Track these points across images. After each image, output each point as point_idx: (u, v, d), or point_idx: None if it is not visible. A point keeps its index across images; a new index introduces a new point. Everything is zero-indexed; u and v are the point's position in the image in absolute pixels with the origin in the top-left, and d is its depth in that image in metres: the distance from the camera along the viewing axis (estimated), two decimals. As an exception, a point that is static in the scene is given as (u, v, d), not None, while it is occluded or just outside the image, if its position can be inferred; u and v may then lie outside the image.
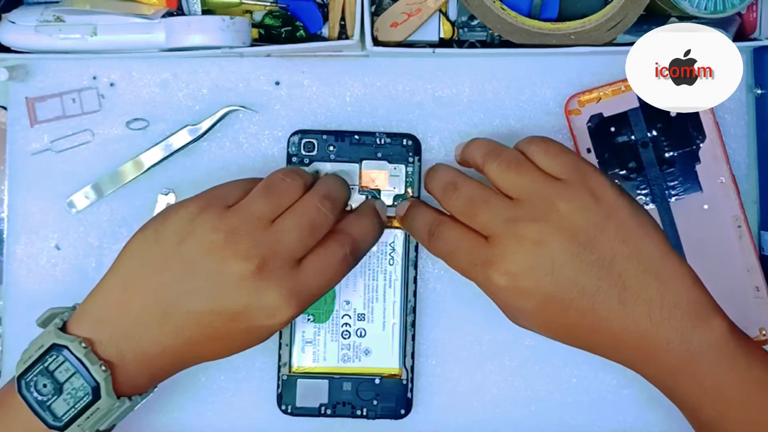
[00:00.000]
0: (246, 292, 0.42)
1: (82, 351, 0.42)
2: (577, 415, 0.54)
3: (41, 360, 0.42)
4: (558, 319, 0.43)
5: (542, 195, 0.43)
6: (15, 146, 0.54)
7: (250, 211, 0.44)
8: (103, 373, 0.42)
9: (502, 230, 0.42)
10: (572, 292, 0.41)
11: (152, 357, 0.43)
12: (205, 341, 0.43)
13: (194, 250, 0.42)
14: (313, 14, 0.52)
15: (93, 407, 0.42)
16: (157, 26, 0.49)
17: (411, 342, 0.52)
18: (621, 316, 0.42)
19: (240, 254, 0.42)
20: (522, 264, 0.42)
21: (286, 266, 0.43)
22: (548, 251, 0.41)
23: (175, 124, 0.54)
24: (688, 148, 0.54)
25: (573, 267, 0.41)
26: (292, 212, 0.44)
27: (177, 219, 0.44)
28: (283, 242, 0.43)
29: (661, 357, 0.42)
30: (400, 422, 0.52)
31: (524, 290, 0.42)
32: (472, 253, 0.43)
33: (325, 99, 0.54)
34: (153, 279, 0.43)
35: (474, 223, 0.44)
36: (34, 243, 0.54)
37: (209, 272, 0.42)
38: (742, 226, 0.53)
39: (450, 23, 0.52)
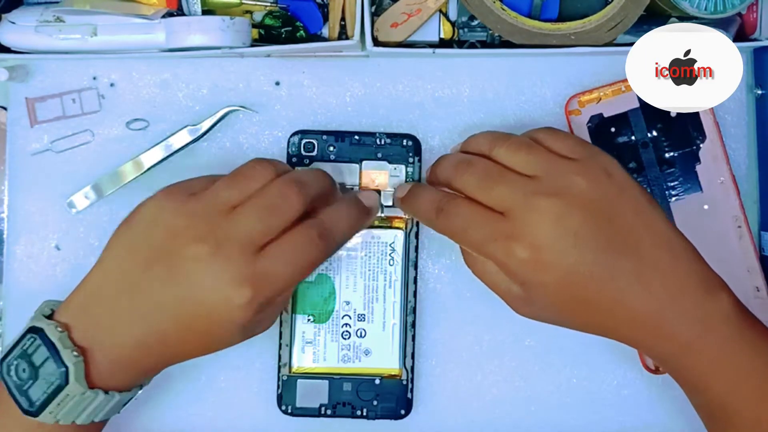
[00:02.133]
0: (200, 276, 0.41)
1: (56, 335, 0.41)
2: (577, 415, 0.54)
3: (20, 343, 0.42)
4: (578, 293, 0.42)
5: (558, 171, 0.43)
6: (15, 146, 0.54)
7: (213, 196, 0.43)
8: (74, 358, 0.41)
9: (521, 204, 0.42)
10: (594, 264, 0.41)
11: (126, 350, 0.42)
12: (173, 333, 0.42)
13: (159, 237, 0.42)
14: (313, 14, 0.52)
15: (62, 393, 0.41)
16: (157, 26, 0.49)
17: (411, 342, 0.52)
18: (637, 289, 0.42)
19: (197, 238, 0.41)
20: (546, 236, 0.41)
21: (243, 251, 0.41)
22: (571, 224, 0.41)
23: (175, 125, 0.54)
24: (688, 149, 0.54)
25: (595, 239, 0.41)
26: (254, 196, 0.43)
27: (145, 209, 0.44)
28: (241, 226, 0.42)
29: (675, 331, 0.42)
30: (400, 422, 0.52)
31: (547, 263, 0.41)
32: (490, 228, 0.42)
33: (325, 99, 0.54)
34: (125, 269, 0.43)
35: (490, 198, 0.43)
36: (34, 243, 0.54)
37: (170, 258, 0.41)
38: (742, 227, 0.53)
39: (450, 23, 0.52)
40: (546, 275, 0.42)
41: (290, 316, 0.52)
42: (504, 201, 0.43)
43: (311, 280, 0.52)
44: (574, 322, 0.44)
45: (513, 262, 0.42)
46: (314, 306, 0.52)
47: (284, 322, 0.52)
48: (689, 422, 0.53)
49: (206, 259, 0.41)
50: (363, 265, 0.52)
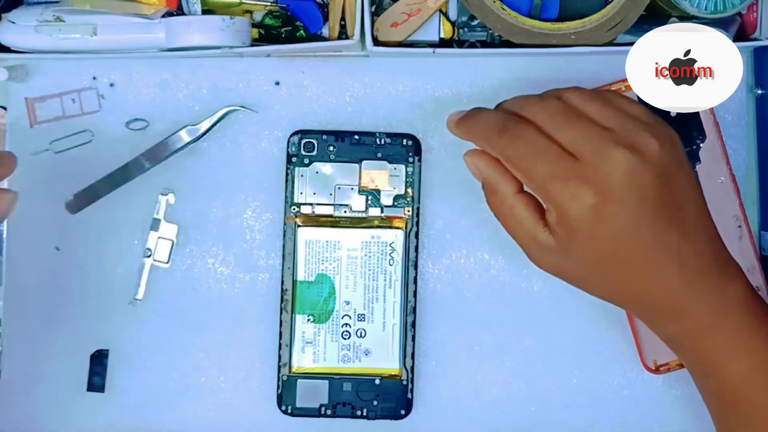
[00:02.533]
0: None
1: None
2: (578, 415, 0.54)
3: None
4: (623, 253, 0.41)
5: (632, 128, 0.42)
6: (15, 146, 0.54)
7: None
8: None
9: (597, 149, 0.41)
10: (648, 228, 0.41)
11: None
12: None
13: None
14: (313, 14, 0.52)
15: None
16: (157, 26, 0.49)
17: (411, 342, 0.52)
18: (675, 263, 0.42)
19: None
20: (617, 188, 0.40)
21: None
22: (642, 181, 0.41)
23: (174, 125, 0.54)
24: (689, 148, 0.54)
25: (655, 203, 0.41)
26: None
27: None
28: None
29: (696, 310, 0.42)
30: (400, 423, 0.52)
31: (609, 215, 0.40)
32: (559, 165, 0.41)
33: (325, 99, 0.54)
34: None
35: (564, 136, 0.41)
36: (33, 244, 0.54)
37: None
38: (743, 227, 0.53)
39: (450, 23, 0.52)
40: (602, 227, 0.41)
41: (290, 317, 0.52)
42: (578, 143, 0.41)
43: (311, 280, 0.52)
44: (600, 285, 0.44)
45: (576, 206, 0.40)
46: (314, 306, 0.52)
47: (284, 323, 0.52)
48: (690, 422, 0.53)
49: None
50: (363, 265, 0.52)
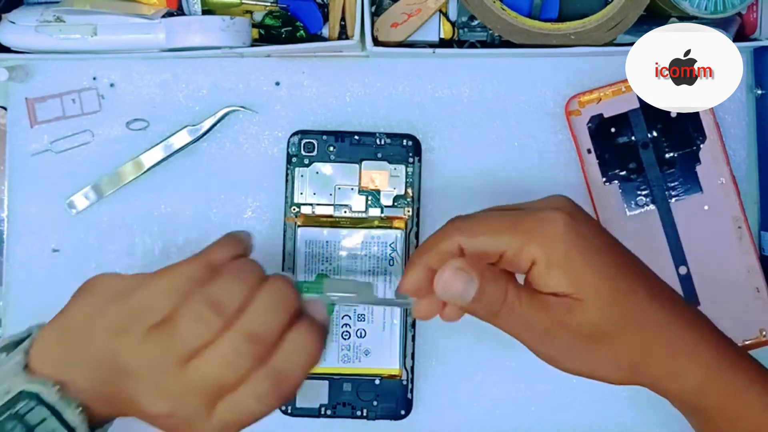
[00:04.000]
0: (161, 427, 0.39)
1: (54, 396, 0.38)
2: (577, 415, 0.54)
3: (9, 405, 0.39)
4: (620, 268, 0.40)
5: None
6: (15, 147, 0.54)
7: (164, 347, 0.38)
8: (79, 416, 0.39)
9: (533, 204, 0.42)
10: (620, 249, 0.41)
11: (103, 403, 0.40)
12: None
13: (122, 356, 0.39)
14: (313, 14, 0.52)
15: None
16: (157, 26, 0.49)
17: (411, 342, 0.52)
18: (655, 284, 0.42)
19: (153, 393, 0.38)
20: (573, 212, 0.41)
21: (198, 414, 0.38)
22: (583, 214, 0.42)
23: (175, 125, 0.54)
24: (689, 149, 0.54)
25: (605, 231, 0.42)
26: (204, 357, 0.38)
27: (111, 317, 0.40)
28: (195, 389, 0.38)
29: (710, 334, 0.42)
30: (400, 423, 0.52)
31: (584, 232, 0.40)
32: (517, 210, 0.42)
33: (325, 99, 0.54)
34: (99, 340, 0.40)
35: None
36: (33, 244, 0.54)
37: (127, 390, 0.39)
38: (743, 227, 0.53)
39: (450, 23, 0.52)
40: (588, 241, 0.40)
41: (290, 317, 0.52)
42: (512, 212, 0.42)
43: (311, 280, 0.52)
44: (621, 336, 0.40)
45: (553, 227, 0.40)
46: (314, 306, 0.52)
47: (284, 323, 0.52)
48: (690, 423, 0.53)
49: (164, 418, 0.38)
50: (363, 265, 0.52)
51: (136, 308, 0.39)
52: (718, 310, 0.52)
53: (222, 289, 0.39)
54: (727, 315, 0.52)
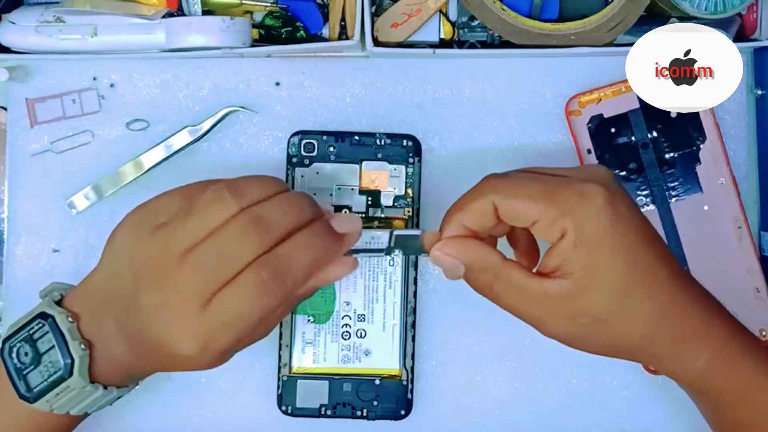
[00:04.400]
0: (153, 327, 0.39)
1: (66, 324, 0.41)
2: (577, 416, 0.54)
3: (27, 326, 0.42)
4: (645, 256, 0.40)
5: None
6: (15, 147, 0.54)
7: (170, 234, 0.39)
8: (81, 351, 0.40)
9: (575, 169, 0.43)
10: (652, 231, 0.41)
11: (123, 354, 0.42)
12: (148, 355, 0.41)
13: (125, 274, 0.40)
14: (313, 15, 0.52)
15: (63, 384, 0.40)
16: (157, 27, 0.49)
17: (411, 343, 0.52)
18: (679, 273, 0.42)
19: (149, 286, 0.39)
20: (614, 185, 0.41)
21: (189, 305, 0.38)
22: (624, 192, 0.42)
23: (175, 125, 0.54)
24: (689, 149, 0.54)
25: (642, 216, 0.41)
26: (206, 243, 0.39)
27: (116, 238, 0.42)
28: (190, 276, 0.38)
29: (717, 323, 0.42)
30: (401, 423, 0.52)
31: (621, 212, 0.40)
32: (557, 178, 0.41)
33: (326, 100, 0.54)
34: (113, 284, 0.41)
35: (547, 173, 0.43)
36: (34, 244, 0.54)
37: (132, 297, 0.40)
38: (743, 227, 0.53)
39: (450, 24, 0.52)
40: (622, 223, 0.39)
41: (290, 317, 0.52)
42: (559, 172, 0.42)
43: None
44: (625, 316, 0.40)
45: (591, 205, 0.39)
46: (314, 306, 0.52)
47: (284, 323, 0.52)
48: (689, 423, 0.53)
49: (156, 311, 0.39)
50: (363, 265, 0.52)
51: (146, 215, 0.41)
52: (718, 310, 0.52)
53: (246, 184, 0.40)
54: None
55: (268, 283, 0.38)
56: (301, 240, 0.40)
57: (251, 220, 0.39)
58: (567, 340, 0.42)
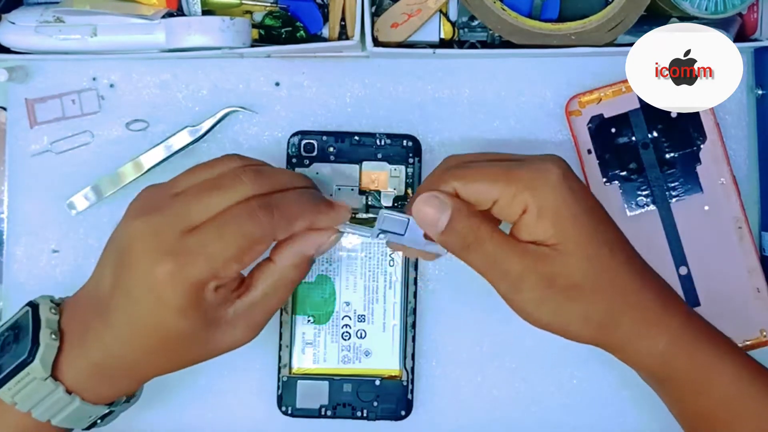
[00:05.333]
0: (134, 261, 0.39)
1: (46, 313, 0.41)
2: (577, 416, 0.54)
3: (16, 314, 0.42)
4: (604, 227, 0.42)
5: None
6: (15, 147, 0.54)
7: (170, 185, 0.42)
8: (50, 339, 0.40)
9: (528, 157, 0.44)
10: (603, 211, 0.43)
11: (96, 363, 0.41)
12: (131, 355, 0.41)
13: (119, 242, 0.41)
14: (313, 15, 0.52)
15: (24, 371, 0.39)
16: (157, 27, 0.49)
17: (411, 343, 0.52)
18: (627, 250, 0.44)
19: (133, 214, 0.41)
20: (566, 169, 0.42)
21: (173, 228, 0.39)
22: (573, 174, 0.43)
23: (175, 125, 0.54)
24: (689, 149, 0.54)
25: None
26: (198, 184, 0.41)
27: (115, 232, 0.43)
28: (178, 206, 0.40)
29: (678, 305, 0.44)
30: (401, 423, 0.52)
31: (575, 188, 0.42)
32: (513, 161, 0.43)
33: (325, 100, 0.54)
34: (99, 283, 0.42)
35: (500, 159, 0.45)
36: (33, 244, 0.54)
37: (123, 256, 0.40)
38: (743, 227, 0.53)
39: (450, 24, 0.52)
40: (577, 196, 0.42)
41: (290, 318, 0.52)
42: (512, 158, 0.44)
43: (311, 281, 0.52)
44: (596, 283, 0.41)
45: (547, 179, 0.41)
46: (314, 307, 0.52)
47: (284, 324, 0.52)
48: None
49: (137, 234, 0.39)
50: (363, 266, 0.52)
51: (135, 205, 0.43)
52: (718, 310, 0.52)
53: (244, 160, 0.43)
54: (727, 315, 0.52)
55: (253, 211, 0.39)
56: (293, 192, 0.42)
57: (248, 167, 0.41)
58: (545, 313, 0.41)
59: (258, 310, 0.42)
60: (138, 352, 0.41)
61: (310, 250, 0.43)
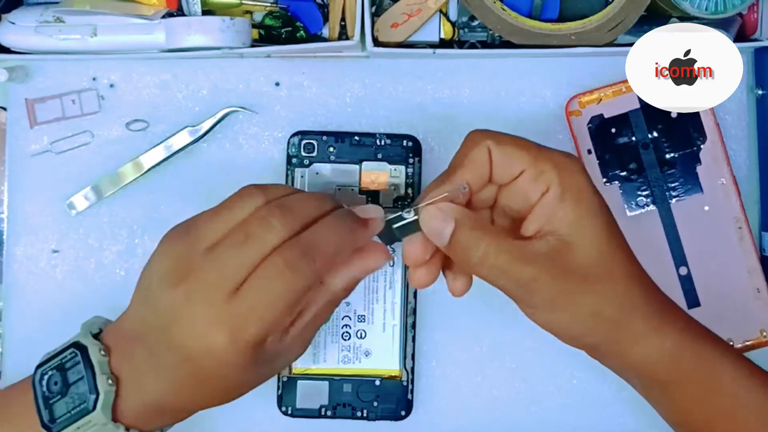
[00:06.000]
0: (179, 324, 0.38)
1: (98, 356, 0.40)
2: (577, 416, 0.54)
3: (60, 355, 0.41)
4: (614, 227, 0.42)
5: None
6: (15, 147, 0.54)
7: (195, 232, 0.40)
8: (108, 386, 0.39)
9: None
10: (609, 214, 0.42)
11: (150, 395, 0.41)
12: (179, 389, 0.40)
13: (154, 284, 0.40)
14: (313, 15, 0.52)
15: (86, 419, 0.39)
16: (157, 27, 0.49)
17: (411, 343, 0.52)
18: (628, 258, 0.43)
19: (174, 282, 0.39)
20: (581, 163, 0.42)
21: (217, 291, 0.38)
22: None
23: (174, 125, 0.54)
24: (689, 150, 0.54)
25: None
26: (233, 231, 0.39)
27: (153, 260, 0.42)
28: (216, 263, 0.39)
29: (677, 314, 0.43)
30: (401, 424, 0.52)
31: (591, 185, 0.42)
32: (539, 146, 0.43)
33: (325, 100, 0.54)
34: (143, 314, 0.41)
35: None
36: (33, 244, 0.54)
37: (157, 305, 0.40)
38: (743, 228, 0.53)
39: (450, 24, 0.52)
40: (594, 190, 0.41)
41: (290, 317, 0.52)
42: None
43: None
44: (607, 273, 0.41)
45: (572, 165, 0.41)
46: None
47: (284, 323, 0.52)
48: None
49: (181, 304, 0.38)
50: (363, 265, 0.52)
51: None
52: (718, 310, 0.52)
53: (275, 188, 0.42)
54: (727, 315, 0.52)
55: (294, 262, 0.38)
56: (325, 223, 0.41)
57: (274, 206, 0.40)
58: (554, 315, 0.41)
59: (308, 330, 0.42)
60: (197, 396, 0.41)
61: (361, 274, 0.43)
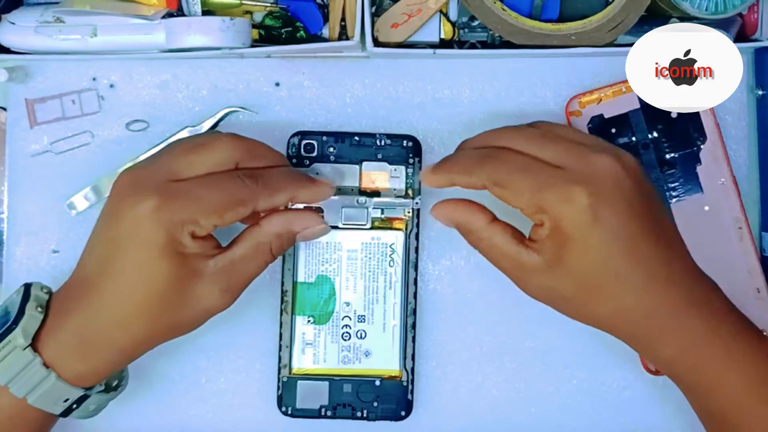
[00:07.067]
0: (117, 217, 0.42)
1: (37, 291, 0.44)
2: (578, 417, 0.54)
3: (13, 294, 0.45)
4: (616, 263, 0.41)
5: (607, 144, 0.44)
6: (15, 148, 0.54)
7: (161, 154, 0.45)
8: (35, 311, 0.42)
9: (580, 157, 0.42)
10: (639, 235, 0.41)
11: (77, 337, 0.42)
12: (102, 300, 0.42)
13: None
14: (313, 15, 0.52)
15: (6, 339, 0.41)
16: (157, 27, 0.49)
17: (411, 344, 0.52)
18: (665, 271, 0.43)
19: (131, 188, 0.42)
20: (607, 189, 0.41)
21: (160, 177, 0.42)
22: (625, 185, 0.42)
23: (175, 126, 0.54)
24: (689, 150, 0.54)
25: (642, 209, 0.42)
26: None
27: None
28: (159, 161, 0.43)
29: (690, 325, 0.43)
30: (401, 424, 0.52)
31: (601, 217, 0.40)
32: (547, 174, 0.41)
33: (325, 100, 0.54)
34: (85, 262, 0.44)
35: (543, 154, 0.42)
36: (33, 244, 0.54)
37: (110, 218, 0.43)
38: (743, 228, 0.53)
39: (450, 24, 0.52)
40: (596, 231, 0.40)
41: (290, 318, 0.52)
42: (561, 156, 0.42)
43: (311, 281, 0.52)
44: (590, 303, 0.43)
45: (571, 209, 0.40)
46: (314, 307, 0.52)
47: (284, 324, 0.52)
48: (690, 424, 0.53)
49: (125, 186, 0.42)
50: (363, 266, 0.52)
51: None
52: (718, 311, 0.52)
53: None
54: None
55: (242, 179, 0.42)
56: (279, 169, 0.45)
57: (233, 134, 0.44)
58: (546, 304, 0.44)
59: (235, 272, 0.44)
60: (116, 313, 0.42)
61: (297, 227, 0.46)
